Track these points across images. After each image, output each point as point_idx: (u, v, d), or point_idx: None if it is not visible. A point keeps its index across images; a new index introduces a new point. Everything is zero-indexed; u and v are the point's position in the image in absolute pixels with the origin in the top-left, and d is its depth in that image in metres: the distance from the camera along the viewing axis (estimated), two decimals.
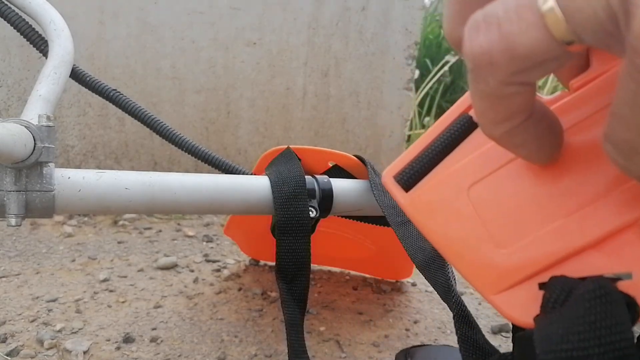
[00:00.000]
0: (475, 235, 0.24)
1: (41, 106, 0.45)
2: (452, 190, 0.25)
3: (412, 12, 1.43)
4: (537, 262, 0.23)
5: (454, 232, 0.25)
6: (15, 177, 0.40)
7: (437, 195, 0.25)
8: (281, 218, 0.47)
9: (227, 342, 0.68)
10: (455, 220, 0.25)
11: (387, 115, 1.48)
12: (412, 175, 0.26)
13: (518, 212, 0.23)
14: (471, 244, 0.24)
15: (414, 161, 0.26)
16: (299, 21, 1.33)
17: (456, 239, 0.25)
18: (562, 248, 0.22)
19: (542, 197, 0.23)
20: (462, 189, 0.25)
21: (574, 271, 0.22)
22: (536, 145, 0.20)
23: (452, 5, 0.20)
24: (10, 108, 1.15)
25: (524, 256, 0.23)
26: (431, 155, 0.25)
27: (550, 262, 0.22)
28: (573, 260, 0.22)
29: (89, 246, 0.99)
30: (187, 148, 0.60)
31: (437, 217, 0.25)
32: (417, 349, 0.53)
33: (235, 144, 1.35)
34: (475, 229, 0.24)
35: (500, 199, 0.24)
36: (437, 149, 0.25)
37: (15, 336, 0.65)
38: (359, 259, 0.90)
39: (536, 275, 0.23)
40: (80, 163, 1.23)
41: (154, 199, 0.45)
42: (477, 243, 0.24)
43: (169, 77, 1.25)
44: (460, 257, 0.24)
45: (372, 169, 0.54)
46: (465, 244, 0.24)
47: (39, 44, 0.54)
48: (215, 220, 1.23)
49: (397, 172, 0.26)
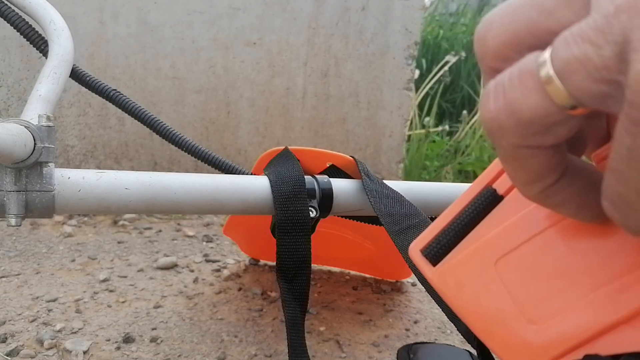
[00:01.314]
0: (505, 311, 0.23)
1: (41, 106, 0.45)
2: (479, 265, 0.24)
3: (412, 12, 1.43)
4: (569, 338, 0.22)
5: (483, 308, 0.24)
6: (15, 177, 0.40)
7: (464, 270, 0.25)
8: (281, 218, 0.47)
9: (227, 342, 0.68)
10: (484, 295, 0.24)
11: (387, 115, 1.48)
12: (439, 249, 0.25)
13: (547, 286, 0.23)
14: (501, 320, 0.23)
15: (441, 235, 0.25)
16: (299, 21, 1.33)
17: (485, 315, 0.24)
18: (595, 323, 0.21)
19: (573, 270, 0.22)
20: (489, 263, 0.24)
21: (607, 348, 0.21)
22: (576, 203, 0.20)
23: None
24: (10, 108, 1.15)
25: (556, 332, 0.22)
26: (457, 229, 0.25)
27: (583, 338, 0.22)
28: (607, 336, 0.21)
29: (89, 246, 0.99)
30: (187, 148, 0.60)
31: (465, 292, 0.24)
32: (419, 345, 0.53)
33: (235, 144, 1.35)
34: (504, 304, 0.23)
35: (528, 273, 0.23)
36: (463, 222, 0.25)
37: (15, 336, 0.65)
38: (359, 259, 0.90)
39: (569, 352, 0.22)
40: (80, 163, 1.23)
41: (154, 199, 0.45)
42: (507, 319, 0.23)
43: (169, 77, 1.25)
44: (490, 334, 0.24)
45: (365, 173, 0.53)
46: (495, 320, 0.23)
47: (39, 44, 0.54)
48: (215, 220, 1.23)
49: (424, 246, 0.26)
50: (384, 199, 0.49)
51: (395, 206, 0.48)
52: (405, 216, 0.46)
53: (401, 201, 0.49)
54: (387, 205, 0.48)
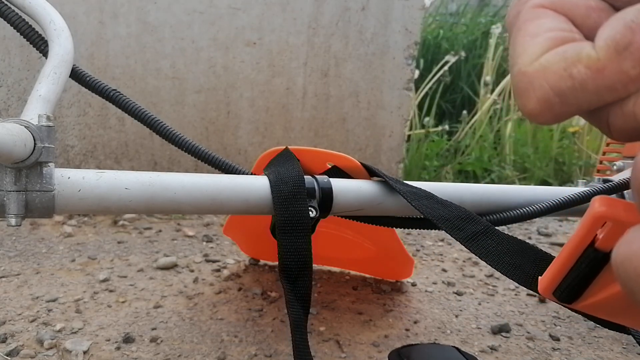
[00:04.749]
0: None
1: (41, 106, 0.45)
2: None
3: (412, 12, 1.43)
4: None
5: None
6: (15, 177, 0.40)
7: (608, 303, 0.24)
8: (281, 218, 0.47)
9: (227, 342, 0.68)
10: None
11: (387, 115, 1.48)
12: (570, 290, 0.24)
13: None
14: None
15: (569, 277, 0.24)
16: (299, 21, 1.33)
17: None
18: None
19: None
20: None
21: None
22: None
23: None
24: (10, 108, 1.15)
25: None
26: (587, 270, 0.24)
27: None
28: None
29: (88, 246, 0.99)
30: (187, 148, 0.59)
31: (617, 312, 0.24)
32: (410, 348, 0.53)
33: (235, 144, 1.35)
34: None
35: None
36: (592, 263, 0.23)
37: (15, 336, 0.65)
38: (359, 259, 0.90)
39: None
40: (80, 163, 1.23)
41: (154, 199, 0.45)
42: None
43: (169, 77, 1.25)
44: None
45: (383, 174, 0.53)
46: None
47: (39, 44, 0.54)
48: (215, 220, 1.23)
49: (556, 289, 0.25)
50: (423, 200, 0.49)
51: (440, 208, 0.48)
52: (463, 220, 0.46)
53: (441, 202, 0.49)
54: (432, 207, 0.48)
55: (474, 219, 0.46)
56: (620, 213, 0.20)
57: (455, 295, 0.90)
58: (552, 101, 0.18)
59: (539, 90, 0.18)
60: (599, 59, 0.17)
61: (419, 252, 1.12)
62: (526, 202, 0.58)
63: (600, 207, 0.20)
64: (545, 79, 0.18)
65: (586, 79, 0.17)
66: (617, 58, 0.17)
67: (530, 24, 0.19)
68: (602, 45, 0.17)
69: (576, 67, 0.17)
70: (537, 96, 0.18)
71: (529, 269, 0.41)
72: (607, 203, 0.20)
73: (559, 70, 0.18)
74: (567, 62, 0.17)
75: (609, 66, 0.17)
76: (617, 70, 0.17)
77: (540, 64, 0.18)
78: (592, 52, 0.17)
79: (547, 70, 0.18)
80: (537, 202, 0.57)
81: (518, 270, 0.41)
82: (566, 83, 0.17)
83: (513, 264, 0.41)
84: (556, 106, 0.18)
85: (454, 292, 0.91)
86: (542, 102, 0.18)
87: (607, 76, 0.17)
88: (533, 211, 0.56)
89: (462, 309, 0.84)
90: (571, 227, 1.46)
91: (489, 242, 0.44)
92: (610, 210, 0.20)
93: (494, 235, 0.44)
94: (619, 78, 0.17)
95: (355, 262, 0.93)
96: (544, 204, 0.56)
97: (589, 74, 0.17)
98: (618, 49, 0.17)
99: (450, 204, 0.48)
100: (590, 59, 0.17)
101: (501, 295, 0.92)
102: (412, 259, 0.86)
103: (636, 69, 0.16)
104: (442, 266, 1.04)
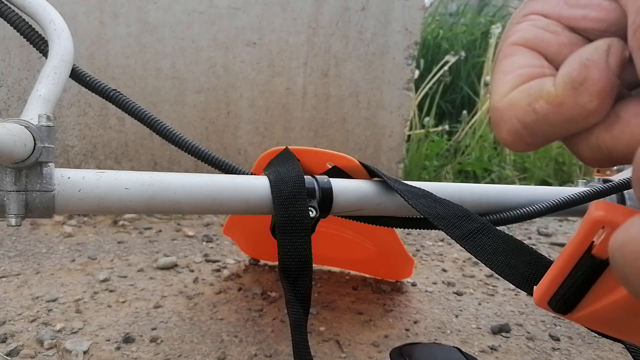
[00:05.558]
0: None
1: (41, 106, 0.45)
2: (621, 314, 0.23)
3: (412, 12, 1.43)
4: None
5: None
6: (15, 177, 0.40)
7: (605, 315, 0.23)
8: (281, 218, 0.47)
9: (227, 342, 0.68)
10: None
11: (387, 115, 1.48)
12: (565, 300, 0.24)
13: None
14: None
15: (564, 287, 0.24)
16: (299, 21, 1.33)
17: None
18: None
19: None
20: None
21: None
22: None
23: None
24: (10, 108, 1.15)
25: None
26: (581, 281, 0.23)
27: None
28: None
29: (89, 246, 0.99)
30: (187, 148, 0.59)
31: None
32: (412, 347, 0.53)
33: (235, 144, 1.35)
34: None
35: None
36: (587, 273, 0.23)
37: (15, 336, 0.65)
38: (359, 259, 0.90)
39: None
40: (80, 163, 1.23)
41: (154, 199, 0.45)
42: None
43: (169, 77, 1.25)
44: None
45: (382, 174, 0.52)
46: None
47: (39, 44, 0.54)
48: (215, 220, 1.23)
49: (550, 298, 0.24)
50: (421, 199, 0.49)
51: (438, 206, 0.47)
52: (460, 218, 0.46)
53: (438, 200, 0.48)
54: (430, 206, 0.47)
55: (471, 216, 0.46)
56: (618, 217, 0.20)
57: (455, 295, 0.90)
58: (520, 133, 0.20)
59: (509, 123, 0.20)
60: (557, 95, 0.18)
61: (419, 252, 1.12)
62: (526, 202, 0.58)
63: (597, 211, 0.20)
64: (514, 114, 0.20)
65: (548, 113, 0.19)
66: (573, 94, 0.18)
67: (505, 61, 0.21)
68: (559, 82, 0.19)
69: (538, 103, 0.19)
70: (507, 128, 0.20)
71: (523, 269, 0.40)
72: (605, 207, 0.20)
73: (524, 105, 0.19)
74: (531, 98, 0.19)
75: (566, 101, 0.18)
76: (575, 105, 0.18)
77: (509, 99, 0.20)
78: (552, 89, 0.19)
79: (514, 106, 0.20)
80: (537, 202, 0.57)
81: (512, 270, 0.41)
82: (530, 117, 0.19)
83: (507, 263, 0.41)
84: (525, 137, 0.20)
85: (454, 292, 0.91)
86: (512, 133, 0.20)
87: (566, 110, 0.18)
88: (533, 211, 0.56)
89: (462, 309, 0.84)
90: (571, 227, 1.46)
91: (484, 240, 0.43)
92: (608, 214, 0.20)
93: (490, 233, 0.44)
94: (579, 112, 0.18)
95: (355, 262, 0.93)
96: (544, 204, 0.56)
97: (550, 108, 0.19)
98: (574, 85, 0.18)
99: (448, 202, 0.48)
100: (550, 95, 0.19)
101: (501, 295, 0.92)
102: (412, 259, 0.86)
103: (593, 102, 0.18)
104: (442, 266, 1.04)
